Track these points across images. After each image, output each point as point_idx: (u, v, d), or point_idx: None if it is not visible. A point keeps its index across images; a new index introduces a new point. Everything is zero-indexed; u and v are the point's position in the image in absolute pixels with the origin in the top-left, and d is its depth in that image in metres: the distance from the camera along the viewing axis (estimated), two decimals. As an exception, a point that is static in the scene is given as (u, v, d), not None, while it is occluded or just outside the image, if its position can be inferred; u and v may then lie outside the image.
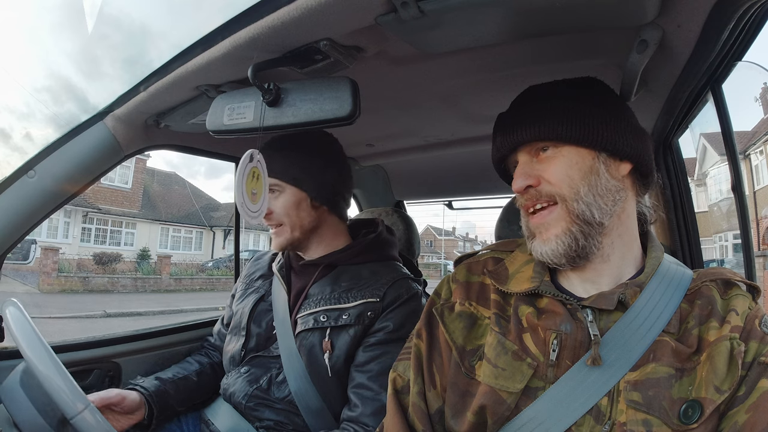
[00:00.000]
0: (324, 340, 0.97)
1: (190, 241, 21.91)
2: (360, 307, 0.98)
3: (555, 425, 0.61)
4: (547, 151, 0.68)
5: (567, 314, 0.65)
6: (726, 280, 0.65)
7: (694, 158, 9.07)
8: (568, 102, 0.67)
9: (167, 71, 0.80)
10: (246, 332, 1.07)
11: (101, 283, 15.04)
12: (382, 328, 0.97)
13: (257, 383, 1.01)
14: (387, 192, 2.06)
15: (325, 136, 1.12)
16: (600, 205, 0.65)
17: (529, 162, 0.69)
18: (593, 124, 0.66)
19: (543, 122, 0.66)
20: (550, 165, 0.67)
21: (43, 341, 0.76)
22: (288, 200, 1.03)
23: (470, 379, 0.69)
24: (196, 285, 17.29)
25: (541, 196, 0.67)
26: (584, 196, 0.65)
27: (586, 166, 0.66)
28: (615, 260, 0.68)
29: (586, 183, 0.65)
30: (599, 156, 0.66)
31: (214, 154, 1.41)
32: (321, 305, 1.01)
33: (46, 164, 0.92)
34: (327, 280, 1.05)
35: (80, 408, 0.71)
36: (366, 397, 0.93)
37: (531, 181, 0.67)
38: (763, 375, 0.56)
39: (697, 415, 0.55)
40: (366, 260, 1.08)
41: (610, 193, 0.66)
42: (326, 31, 0.66)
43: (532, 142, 0.68)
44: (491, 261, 0.79)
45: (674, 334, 0.61)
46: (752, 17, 0.66)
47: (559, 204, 0.66)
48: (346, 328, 0.97)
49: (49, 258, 13.98)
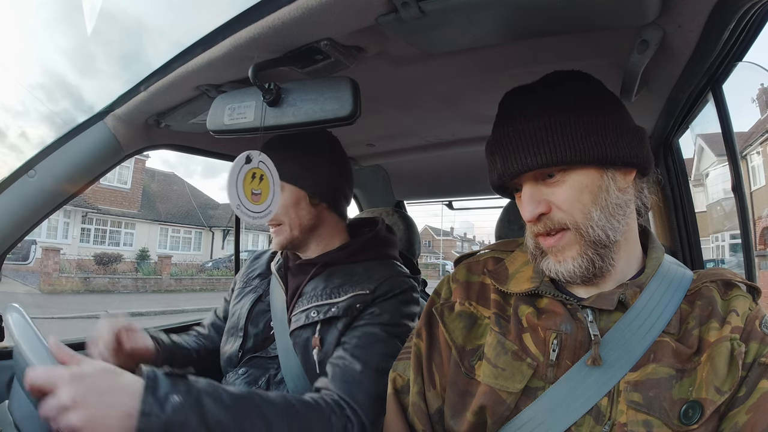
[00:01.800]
0: (314, 336, 0.96)
1: (189, 242, 21.86)
2: (350, 300, 0.96)
3: (555, 425, 0.60)
4: (554, 176, 0.64)
5: (567, 314, 0.65)
6: (726, 281, 0.65)
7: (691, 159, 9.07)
8: (568, 115, 0.63)
9: (168, 71, 0.80)
10: (243, 333, 1.06)
11: (102, 283, 15.04)
12: (369, 313, 0.95)
13: (256, 384, 1.00)
14: (387, 192, 2.06)
15: (324, 133, 1.10)
16: (613, 224, 0.63)
17: (536, 187, 0.65)
18: (599, 139, 0.62)
19: (547, 147, 0.62)
20: (560, 190, 0.64)
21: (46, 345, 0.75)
22: (287, 199, 1.02)
23: (470, 379, 0.69)
24: (196, 285, 17.28)
25: (555, 226, 0.64)
26: (598, 221, 0.63)
27: (595, 186, 0.63)
28: (620, 264, 0.67)
29: (598, 206, 0.63)
30: (607, 172, 0.64)
31: (215, 153, 1.41)
32: (313, 301, 1.00)
33: (46, 164, 0.92)
34: (321, 278, 1.04)
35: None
36: (338, 365, 0.89)
37: (542, 208, 0.64)
38: (764, 376, 0.56)
39: (697, 415, 0.55)
40: (362, 258, 1.06)
41: (620, 208, 0.64)
42: (327, 31, 0.66)
43: (540, 168, 0.63)
44: (491, 261, 0.79)
45: (674, 335, 0.61)
46: (753, 17, 0.66)
47: (572, 230, 0.64)
48: (335, 321, 0.96)
49: (50, 258, 13.96)
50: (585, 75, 0.70)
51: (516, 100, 0.69)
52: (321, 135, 1.09)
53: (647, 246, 0.72)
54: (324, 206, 1.07)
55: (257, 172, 0.77)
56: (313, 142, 1.06)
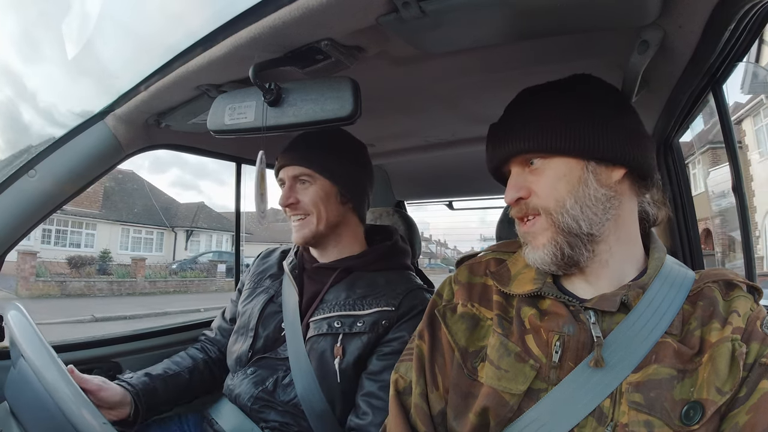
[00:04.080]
0: (336, 345, 0.96)
1: (151, 242, 21.22)
2: (375, 315, 0.98)
3: (557, 427, 0.60)
4: (535, 163, 0.67)
5: (570, 316, 0.65)
6: (728, 282, 0.65)
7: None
8: (555, 109, 0.66)
9: (168, 71, 0.80)
10: (254, 333, 1.06)
11: (78, 287, 14.73)
12: (397, 338, 0.96)
13: (263, 385, 1.00)
14: (387, 192, 2.06)
15: (354, 137, 1.14)
16: (588, 216, 0.64)
17: (521, 173, 0.69)
18: (580, 132, 0.64)
19: (529, 134, 0.65)
20: (539, 177, 0.67)
21: (47, 345, 0.76)
22: (318, 191, 1.03)
23: (473, 381, 0.69)
24: (170, 287, 16.97)
25: (529, 210, 0.67)
26: (570, 209, 0.64)
27: (574, 177, 0.65)
28: (615, 264, 0.68)
29: (573, 195, 0.64)
30: (588, 165, 0.65)
31: (215, 153, 1.41)
32: (336, 311, 1.00)
33: (46, 164, 0.92)
34: (342, 286, 1.04)
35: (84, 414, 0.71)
36: (376, 406, 0.91)
37: (522, 193, 0.67)
38: (764, 376, 0.56)
39: (698, 416, 0.55)
40: (381, 268, 1.07)
41: (600, 202, 0.65)
42: (327, 31, 0.66)
43: (521, 154, 0.67)
44: (493, 262, 0.79)
45: (676, 336, 0.61)
46: (753, 18, 0.66)
47: (543, 215, 0.66)
48: (359, 335, 0.97)
49: (26, 263, 13.72)
50: (595, 78, 0.72)
51: (519, 96, 0.73)
52: (353, 138, 1.13)
53: (649, 247, 0.72)
54: (350, 207, 1.08)
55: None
56: (349, 143, 1.10)
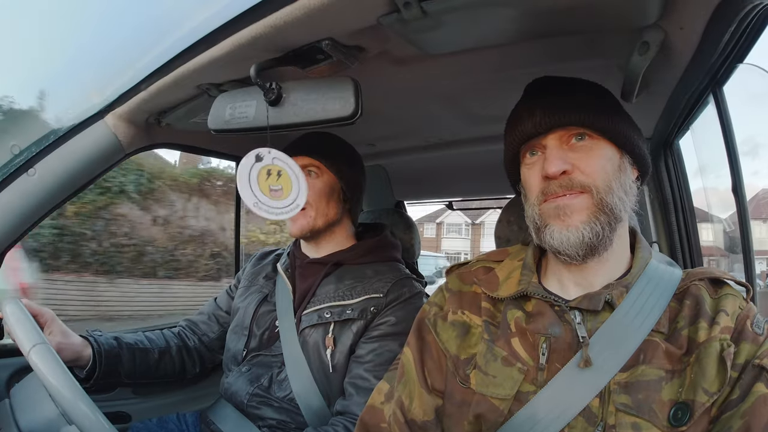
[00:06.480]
0: (327, 335, 0.98)
1: None
2: (363, 302, 0.99)
3: (547, 428, 0.61)
4: (584, 140, 0.67)
5: (555, 316, 0.66)
6: (714, 279, 0.65)
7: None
8: (604, 97, 0.71)
9: (169, 70, 0.80)
10: (248, 332, 1.07)
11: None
12: (384, 321, 0.98)
13: (258, 382, 1.01)
14: (387, 192, 2.05)
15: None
16: (626, 202, 0.67)
17: (561, 148, 0.67)
18: (625, 126, 0.68)
19: (592, 111, 0.66)
20: (587, 155, 0.66)
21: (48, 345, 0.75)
22: (323, 185, 1.05)
23: (466, 389, 0.69)
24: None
25: (574, 186, 0.65)
26: (616, 191, 0.65)
27: (616, 163, 0.68)
28: (611, 261, 0.68)
29: (617, 179, 0.66)
30: (624, 156, 0.69)
31: (216, 153, 1.41)
32: (326, 302, 1.02)
33: (46, 162, 0.92)
34: (332, 279, 1.06)
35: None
36: (360, 386, 0.93)
37: (568, 166, 0.65)
38: (758, 379, 0.55)
39: (686, 417, 0.55)
40: (370, 260, 1.09)
41: (632, 193, 0.68)
42: (328, 31, 0.66)
43: (577, 126, 0.66)
44: (482, 270, 0.80)
45: (664, 334, 0.61)
46: (754, 19, 0.66)
47: (588, 194, 0.65)
48: (349, 322, 0.98)
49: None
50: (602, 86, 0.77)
51: (549, 79, 0.75)
52: (352, 146, 1.18)
53: (635, 246, 0.72)
54: (347, 207, 1.11)
55: (272, 168, 0.77)
56: (352, 148, 1.16)
